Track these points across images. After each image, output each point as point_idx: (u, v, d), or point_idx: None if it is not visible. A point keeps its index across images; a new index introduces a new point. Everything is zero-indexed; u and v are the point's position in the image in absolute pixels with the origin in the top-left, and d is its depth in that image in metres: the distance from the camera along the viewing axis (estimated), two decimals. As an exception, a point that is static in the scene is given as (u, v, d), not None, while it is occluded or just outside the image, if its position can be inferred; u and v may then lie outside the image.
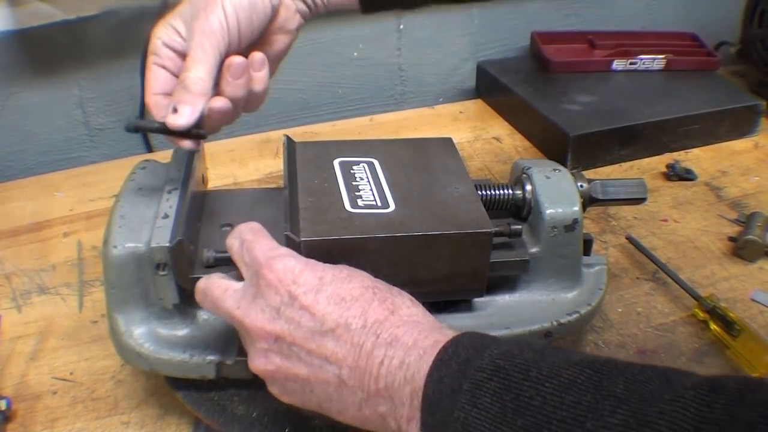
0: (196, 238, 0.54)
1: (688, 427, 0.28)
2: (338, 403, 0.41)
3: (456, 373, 0.36)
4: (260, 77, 0.53)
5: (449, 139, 0.63)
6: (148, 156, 0.97)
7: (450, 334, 0.40)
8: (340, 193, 0.53)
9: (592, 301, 0.58)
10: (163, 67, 0.53)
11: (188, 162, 0.58)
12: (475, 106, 1.10)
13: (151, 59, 0.53)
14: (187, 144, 0.51)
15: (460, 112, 1.08)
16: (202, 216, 0.58)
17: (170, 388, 0.55)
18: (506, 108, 1.06)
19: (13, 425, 0.56)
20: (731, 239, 0.78)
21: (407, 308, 0.43)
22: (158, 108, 0.52)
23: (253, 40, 0.55)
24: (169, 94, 0.52)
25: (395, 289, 0.44)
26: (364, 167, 0.57)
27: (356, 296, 0.42)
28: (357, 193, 0.53)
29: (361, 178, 0.56)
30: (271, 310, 0.42)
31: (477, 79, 1.13)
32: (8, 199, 0.88)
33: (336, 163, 0.58)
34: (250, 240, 0.46)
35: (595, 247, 0.65)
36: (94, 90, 0.98)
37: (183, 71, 0.50)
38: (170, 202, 0.52)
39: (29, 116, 0.97)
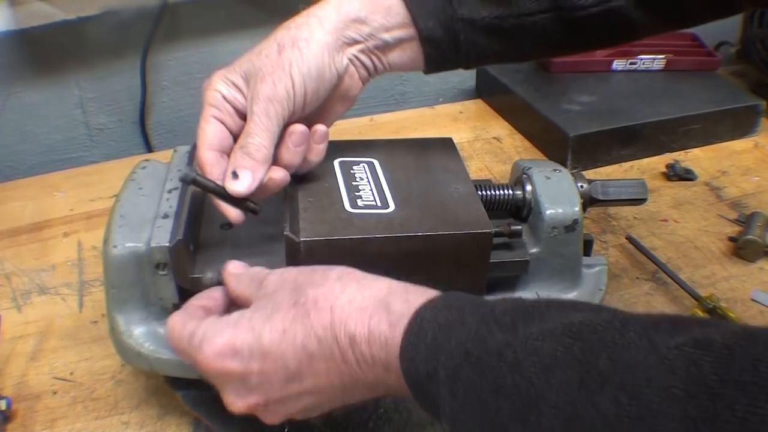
0: (197, 238, 0.54)
1: (677, 392, 0.27)
2: (349, 398, 0.42)
3: (427, 357, 0.36)
4: (319, 149, 0.52)
5: (449, 139, 0.63)
6: (148, 156, 0.97)
7: (399, 311, 0.38)
8: (340, 193, 0.53)
9: (592, 302, 0.58)
10: (222, 122, 0.51)
11: (188, 162, 0.58)
12: (475, 106, 1.10)
13: (209, 111, 0.51)
14: (235, 215, 0.49)
15: (460, 112, 1.08)
16: (202, 216, 0.58)
17: (170, 388, 0.55)
18: (506, 108, 1.06)
19: (13, 425, 0.56)
20: (731, 239, 0.78)
21: (343, 295, 0.40)
22: (211, 165, 0.49)
23: (315, 108, 0.53)
24: (222, 151, 0.50)
25: (318, 276, 0.42)
26: (364, 167, 0.57)
27: (292, 317, 0.40)
28: (357, 194, 0.53)
29: (361, 178, 0.56)
30: (237, 391, 0.42)
31: (477, 79, 1.13)
32: (8, 199, 0.88)
33: (336, 163, 0.58)
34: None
35: (595, 247, 0.65)
36: (94, 90, 0.98)
37: (245, 136, 0.49)
38: (170, 202, 0.52)
39: (29, 116, 0.97)
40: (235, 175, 0.48)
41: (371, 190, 0.54)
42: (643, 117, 0.94)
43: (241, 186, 0.48)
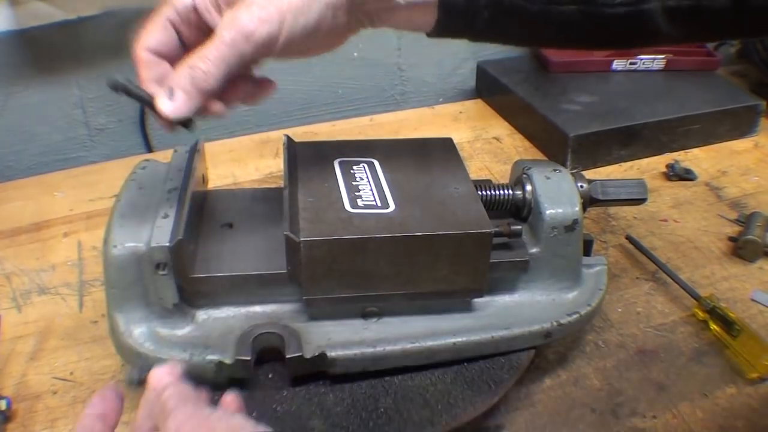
0: (196, 238, 0.54)
1: None
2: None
3: None
4: (266, 96, 0.50)
5: (449, 139, 0.63)
6: (148, 156, 0.97)
7: None
8: (340, 193, 0.53)
9: (592, 302, 0.58)
10: (175, 28, 0.46)
11: (188, 162, 0.58)
12: (475, 106, 1.10)
13: (166, 12, 0.46)
14: (166, 126, 0.46)
15: (460, 112, 1.08)
16: (202, 216, 0.58)
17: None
18: (506, 108, 1.06)
19: (13, 425, 0.56)
20: (731, 239, 0.78)
21: None
22: (147, 67, 0.46)
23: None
24: (163, 56, 0.46)
25: None
26: (364, 167, 0.57)
27: None
28: (357, 193, 0.53)
29: (361, 178, 0.56)
30: None
31: (477, 79, 1.13)
32: (8, 199, 0.88)
33: (336, 163, 0.58)
34: None
35: (595, 247, 0.65)
36: (94, 90, 0.98)
37: (199, 58, 0.44)
38: (170, 202, 0.52)
39: (29, 116, 0.97)
40: (170, 92, 0.44)
41: (371, 190, 0.54)
42: (643, 117, 0.94)
43: (170, 108, 0.44)
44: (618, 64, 1.05)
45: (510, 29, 0.52)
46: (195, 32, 0.47)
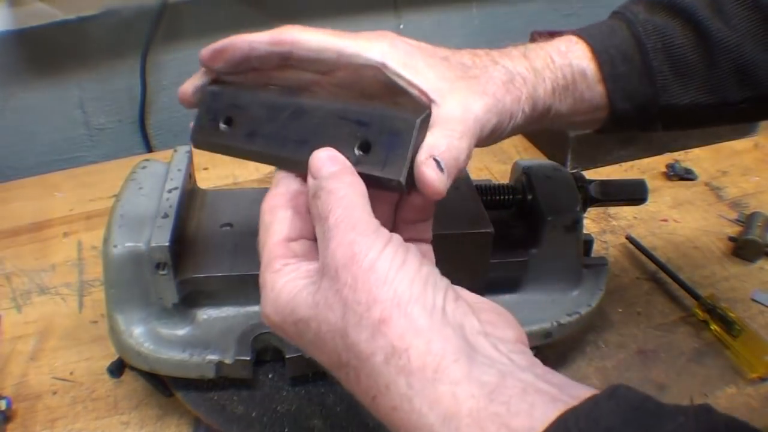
0: (196, 238, 0.54)
1: None
2: None
3: None
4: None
5: (449, 139, 0.63)
6: (148, 156, 0.97)
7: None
8: (340, 193, 0.53)
9: (592, 302, 0.58)
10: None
11: (188, 162, 0.58)
12: (475, 106, 1.10)
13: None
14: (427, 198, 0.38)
15: (460, 112, 1.08)
16: (202, 216, 0.58)
17: (172, 388, 0.55)
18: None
19: (13, 425, 0.56)
20: (731, 239, 0.78)
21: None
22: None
23: None
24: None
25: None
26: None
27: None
28: (357, 193, 0.53)
29: (361, 178, 0.56)
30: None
31: (477, 79, 1.13)
32: (8, 199, 0.88)
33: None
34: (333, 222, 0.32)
35: (595, 247, 0.65)
36: (94, 90, 0.98)
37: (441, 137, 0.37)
38: (170, 202, 0.52)
39: (29, 116, 0.97)
40: (437, 164, 0.36)
41: (371, 190, 0.54)
42: (643, 117, 0.94)
43: (441, 179, 0.36)
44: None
45: (681, 125, 0.51)
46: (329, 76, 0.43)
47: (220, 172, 0.91)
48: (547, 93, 0.44)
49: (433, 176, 0.35)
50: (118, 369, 0.55)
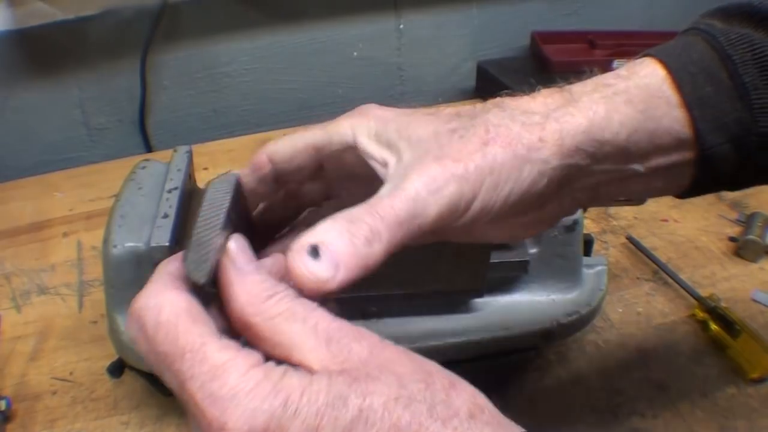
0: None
1: None
2: None
3: None
4: None
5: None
6: (148, 156, 0.97)
7: None
8: (340, 193, 0.53)
9: (592, 302, 0.58)
10: (316, 154, 0.37)
11: (188, 162, 0.57)
12: (475, 106, 1.10)
13: (314, 134, 0.37)
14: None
15: (460, 112, 1.08)
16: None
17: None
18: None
19: (13, 425, 0.56)
20: (732, 239, 0.78)
21: None
22: (262, 181, 0.38)
23: None
24: (284, 181, 0.39)
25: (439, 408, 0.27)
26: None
27: None
28: (357, 193, 0.53)
29: (361, 178, 0.56)
30: None
31: (477, 78, 1.13)
32: (8, 199, 0.88)
33: None
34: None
35: (595, 247, 0.65)
36: (94, 90, 0.98)
37: (364, 210, 0.31)
38: (170, 202, 0.52)
39: (29, 116, 0.97)
40: (315, 251, 0.30)
41: (371, 190, 0.54)
42: (643, 117, 0.93)
43: (321, 272, 0.30)
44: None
45: None
46: (338, 176, 0.39)
47: (220, 172, 0.91)
48: (597, 123, 0.34)
49: (300, 266, 0.29)
50: (118, 369, 0.55)
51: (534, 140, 0.34)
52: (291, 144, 0.37)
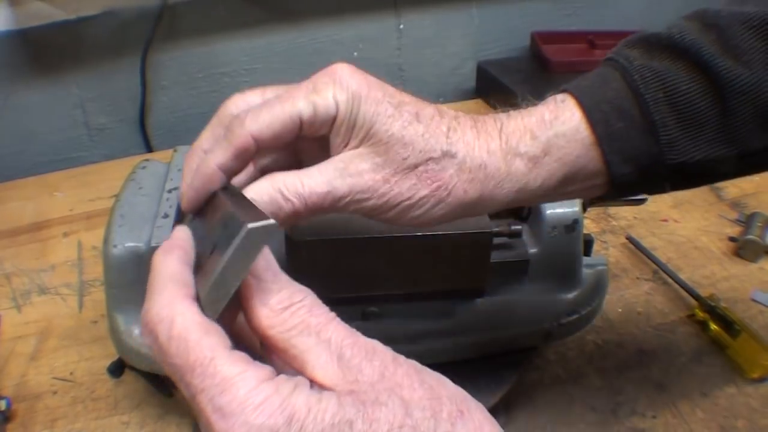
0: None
1: None
2: None
3: None
4: None
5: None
6: (148, 156, 0.97)
7: None
8: (340, 193, 0.53)
9: (592, 302, 0.58)
10: (300, 125, 0.36)
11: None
12: (476, 106, 1.10)
13: (297, 106, 0.36)
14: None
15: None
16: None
17: (171, 388, 0.55)
18: (506, 108, 1.06)
19: (13, 425, 0.56)
20: (731, 239, 0.78)
21: None
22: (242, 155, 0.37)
23: None
24: (265, 148, 0.37)
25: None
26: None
27: None
28: (357, 193, 0.53)
29: (361, 178, 0.56)
30: None
31: (477, 79, 1.13)
32: (8, 199, 0.88)
33: None
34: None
35: (595, 247, 0.65)
36: (94, 90, 0.98)
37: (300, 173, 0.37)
38: (170, 202, 0.52)
39: (29, 116, 0.97)
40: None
41: (371, 190, 0.54)
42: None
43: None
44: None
45: (694, 185, 0.43)
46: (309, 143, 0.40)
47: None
48: (518, 174, 0.39)
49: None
50: (118, 369, 0.55)
51: (465, 197, 0.39)
52: (274, 119, 0.36)
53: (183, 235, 0.35)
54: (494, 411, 0.55)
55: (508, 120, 0.41)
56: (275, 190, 0.36)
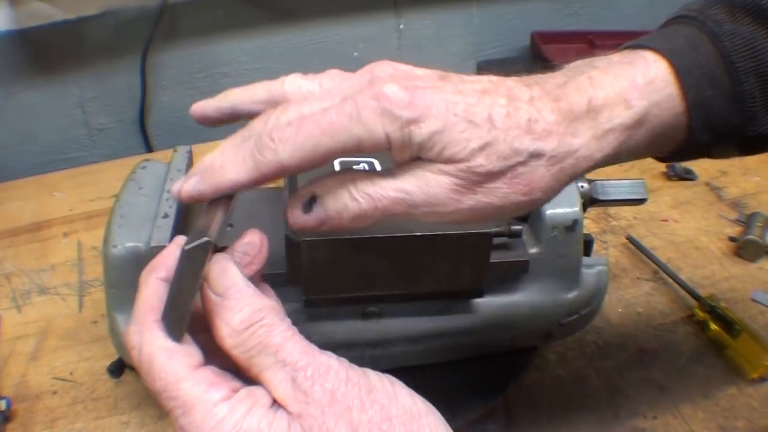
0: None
1: None
2: None
3: None
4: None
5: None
6: (148, 156, 0.97)
7: None
8: (340, 193, 0.53)
9: (592, 302, 0.58)
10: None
11: (188, 162, 0.58)
12: (475, 106, 1.10)
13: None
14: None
15: (460, 112, 1.08)
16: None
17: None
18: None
19: (13, 425, 0.56)
20: (732, 239, 0.78)
21: None
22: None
23: None
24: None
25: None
26: (364, 167, 0.57)
27: None
28: (357, 193, 0.53)
29: (361, 178, 0.56)
30: None
31: (477, 79, 1.13)
32: (8, 199, 0.88)
33: (336, 162, 0.58)
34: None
35: (595, 247, 0.65)
36: (93, 90, 0.98)
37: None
38: (170, 202, 0.52)
39: (29, 116, 0.97)
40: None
41: (371, 190, 0.54)
42: (643, 117, 0.93)
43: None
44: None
45: (760, 152, 0.42)
46: None
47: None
48: (608, 148, 0.37)
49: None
50: (118, 369, 0.55)
51: (556, 186, 0.37)
52: (308, 151, 0.34)
53: (170, 251, 0.35)
54: (494, 411, 0.55)
55: (594, 89, 0.37)
56: (343, 188, 0.36)
